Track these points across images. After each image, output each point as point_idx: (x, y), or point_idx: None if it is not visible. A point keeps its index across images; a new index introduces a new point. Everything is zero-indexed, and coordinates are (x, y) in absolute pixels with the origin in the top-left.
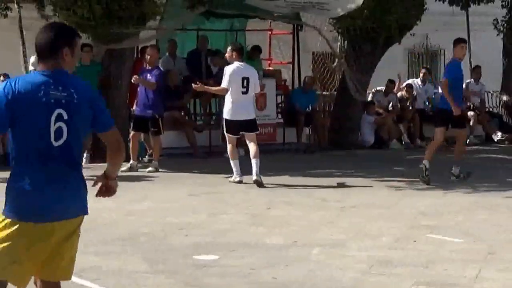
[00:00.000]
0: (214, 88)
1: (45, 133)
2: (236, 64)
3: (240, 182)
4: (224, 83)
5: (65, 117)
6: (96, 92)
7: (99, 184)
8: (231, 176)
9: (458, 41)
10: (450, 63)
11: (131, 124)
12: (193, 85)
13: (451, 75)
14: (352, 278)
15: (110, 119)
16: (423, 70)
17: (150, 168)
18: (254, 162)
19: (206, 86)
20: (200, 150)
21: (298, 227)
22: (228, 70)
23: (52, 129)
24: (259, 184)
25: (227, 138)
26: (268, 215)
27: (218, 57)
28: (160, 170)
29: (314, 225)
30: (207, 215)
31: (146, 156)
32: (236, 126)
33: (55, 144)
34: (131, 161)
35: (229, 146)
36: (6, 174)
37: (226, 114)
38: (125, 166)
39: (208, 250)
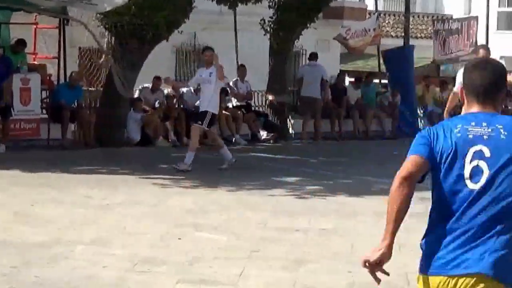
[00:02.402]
0: None
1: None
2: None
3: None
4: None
5: (487, 154)
6: None
7: None
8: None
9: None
10: None
11: None
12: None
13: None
14: (115, 276)
15: None
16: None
17: None
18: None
19: None
20: None
21: (62, 225)
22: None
23: (468, 167)
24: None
25: (198, 131)
26: (32, 213)
27: None
28: None
29: (77, 223)
30: None
31: None
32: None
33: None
34: None
35: (196, 139)
36: None
37: (213, 108)
38: None
39: None
